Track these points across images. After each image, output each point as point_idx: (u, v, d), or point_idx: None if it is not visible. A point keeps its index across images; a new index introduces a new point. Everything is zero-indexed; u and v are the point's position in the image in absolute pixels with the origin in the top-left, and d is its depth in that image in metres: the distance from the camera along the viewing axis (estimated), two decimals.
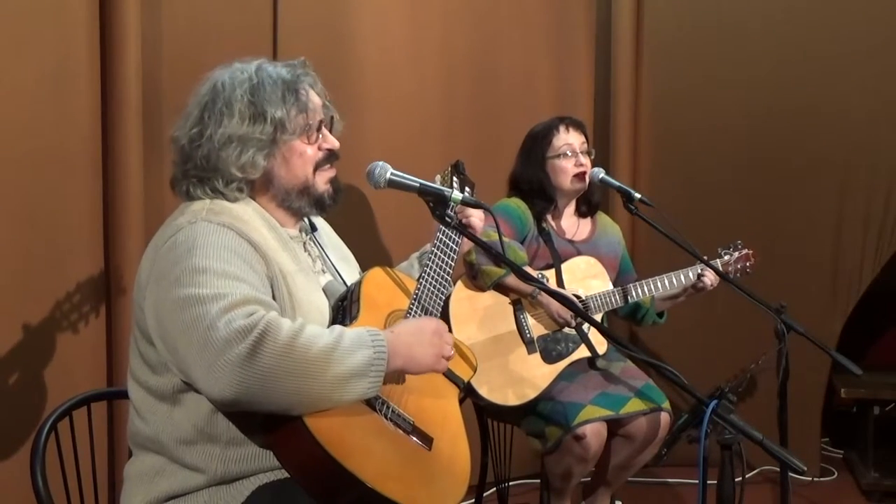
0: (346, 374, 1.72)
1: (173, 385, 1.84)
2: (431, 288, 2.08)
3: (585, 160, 3.21)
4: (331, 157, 2.04)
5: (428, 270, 2.11)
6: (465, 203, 2.08)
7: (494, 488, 3.28)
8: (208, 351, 1.67)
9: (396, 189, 2.10)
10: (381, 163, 2.09)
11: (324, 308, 1.95)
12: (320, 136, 2.01)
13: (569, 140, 3.20)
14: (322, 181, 2.02)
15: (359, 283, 1.98)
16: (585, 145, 3.24)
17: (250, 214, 1.93)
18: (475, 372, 2.17)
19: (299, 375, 1.68)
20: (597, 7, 4.31)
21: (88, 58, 3.04)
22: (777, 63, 4.19)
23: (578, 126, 3.26)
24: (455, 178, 2.42)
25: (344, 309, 1.95)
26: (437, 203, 2.07)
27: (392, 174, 2.07)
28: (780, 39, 4.18)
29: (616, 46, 4.29)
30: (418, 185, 2.08)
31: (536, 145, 3.23)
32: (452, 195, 2.06)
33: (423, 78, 3.84)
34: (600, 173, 3.20)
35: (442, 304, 2.10)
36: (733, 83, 4.23)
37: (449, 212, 2.08)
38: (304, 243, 2.06)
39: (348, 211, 3.64)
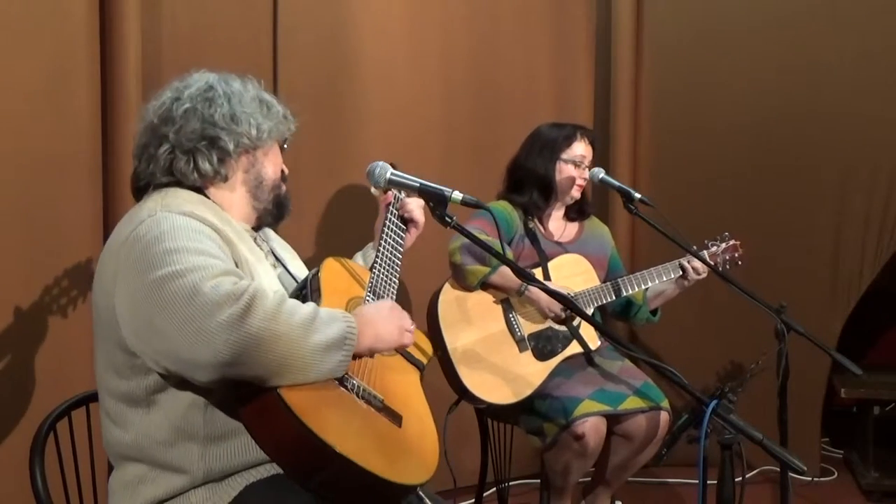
0: (325, 343, 1.75)
1: (146, 387, 1.82)
2: (384, 277, 2.12)
3: (587, 174, 3.26)
4: (283, 175, 2.10)
5: (379, 260, 2.14)
6: (465, 203, 2.09)
7: (494, 488, 3.29)
8: (198, 316, 1.67)
9: (396, 189, 2.11)
10: (381, 162, 2.10)
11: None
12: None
13: (584, 152, 3.27)
14: (283, 191, 2.09)
15: (317, 273, 2.00)
16: (590, 161, 3.29)
17: (202, 210, 1.91)
18: (429, 359, 2.19)
19: (286, 339, 1.70)
20: (597, 8, 4.32)
21: (88, 58, 3.04)
22: (777, 63, 4.19)
23: (593, 142, 3.32)
24: None
25: (304, 298, 1.95)
26: (437, 203, 2.07)
27: (392, 174, 2.09)
28: (780, 39, 4.19)
29: (616, 47, 4.31)
30: (418, 185, 2.10)
31: (554, 143, 3.25)
32: (452, 195, 2.07)
33: (424, 78, 3.85)
34: (600, 173, 3.22)
35: (395, 291, 2.12)
36: (733, 83, 4.24)
37: (447, 211, 2.09)
38: (255, 238, 2.07)
39: (349, 210, 3.66)
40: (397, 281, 2.14)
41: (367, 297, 2.05)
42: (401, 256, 2.19)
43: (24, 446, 2.01)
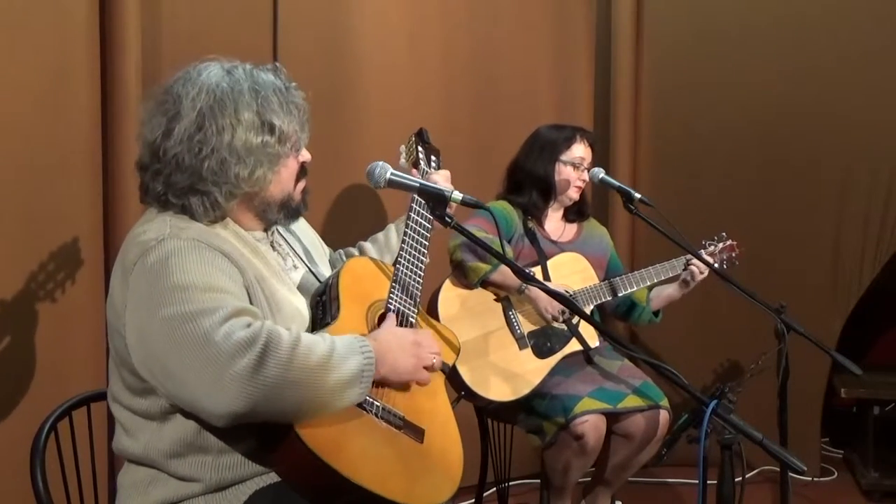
0: (343, 381, 1.72)
1: (160, 406, 1.80)
2: (409, 269, 2.09)
3: (586, 176, 3.27)
4: (304, 169, 2.00)
5: (403, 253, 2.11)
6: (464, 203, 2.08)
7: (494, 488, 3.29)
8: (211, 366, 1.63)
9: (397, 189, 2.11)
10: (381, 162, 2.09)
11: (303, 308, 1.94)
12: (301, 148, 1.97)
13: (583, 154, 3.28)
14: (298, 193, 1.99)
15: (336, 276, 1.97)
16: (589, 163, 3.30)
17: (216, 226, 1.87)
18: (458, 354, 2.18)
19: (303, 385, 1.67)
20: (597, 8, 4.32)
21: (88, 58, 3.03)
22: (777, 64, 4.19)
23: (592, 144, 3.33)
24: (420, 148, 2.43)
25: (323, 305, 1.94)
26: (437, 203, 2.07)
27: (392, 174, 2.08)
28: (780, 41, 4.19)
29: (616, 47, 4.31)
30: (418, 184, 2.10)
31: (554, 145, 3.27)
32: (452, 195, 2.06)
33: (424, 77, 3.85)
34: (600, 173, 3.23)
35: (421, 284, 2.11)
36: (733, 84, 4.24)
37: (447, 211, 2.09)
38: (272, 242, 2.01)
39: (350, 210, 3.66)
40: (423, 271, 2.11)
41: (393, 291, 2.04)
42: (427, 243, 2.15)
43: (25, 446, 2.01)
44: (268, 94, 1.87)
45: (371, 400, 1.85)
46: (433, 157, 2.45)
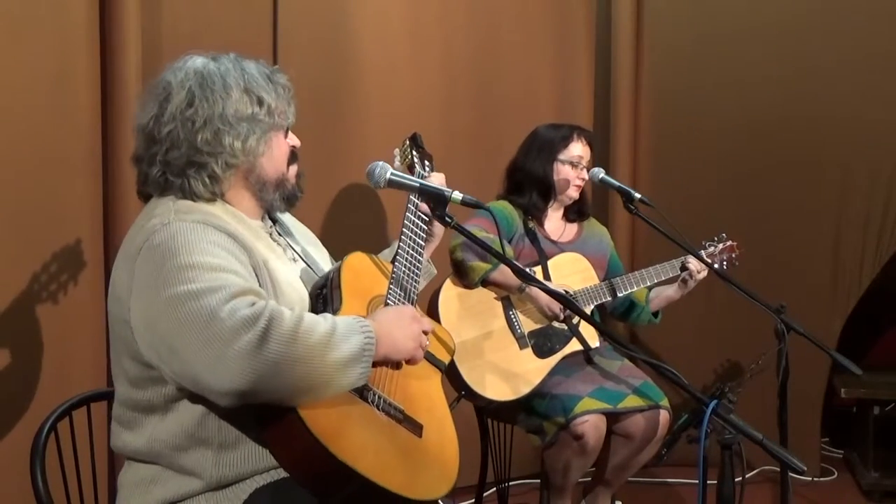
0: (343, 359, 1.73)
1: (164, 395, 1.81)
2: (407, 268, 2.09)
3: (585, 175, 3.27)
4: (294, 154, 2.02)
5: (401, 252, 2.11)
6: (465, 203, 2.08)
7: (494, 488, 3.29)
8: (215, 342, 1.65)
9: (397, 189, 2.11)
10: (381, 162, 2.10)
11: (304, 294, 1.95)
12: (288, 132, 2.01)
13: (581, 153, 3.28)
14: (292, 176, 2.01)
15: (338, 270, 1.98)
16: (588, 161, 3.30)
17: (218, 209, 1.89)
18: (453, 354, 2.18)
19: (305, 362, 1.68)
20: (597, 8, 4.32)
21: (88, 58, 3.04)
22: (778, 64, 4.19)
23: (591, 142, 3.33)
24: (414, 153, 2.43)
25: (325, 297, 1.94)
26: (437, 203, 2.07)
27: (392, 174, 2.08)
28: (781, 40, 4.19)
29: (616, 47, 4.31)
30: (418, 184, 2.11)
31: (551, 144, 3.27)
32: (452, 195, 2.06)
33: (424, 77, 3.85)
34: (600, 173, 3.23)
35: (418, 282, 2.11)
36: (734, 84, 4.24)
37: (447, 211, 2.09)
38: (271, 234, 2.03)
39: (349, 210, 3.66)
40: (420, 269, 2.12)
41: (391, 289, 2.03)
42: (423, 244, 2.16)
43: (25, 446, 2.01)
44: (253, 73, 1.93)
45: (373, 390, 1.86)
46: (427, 162, 2.45)
